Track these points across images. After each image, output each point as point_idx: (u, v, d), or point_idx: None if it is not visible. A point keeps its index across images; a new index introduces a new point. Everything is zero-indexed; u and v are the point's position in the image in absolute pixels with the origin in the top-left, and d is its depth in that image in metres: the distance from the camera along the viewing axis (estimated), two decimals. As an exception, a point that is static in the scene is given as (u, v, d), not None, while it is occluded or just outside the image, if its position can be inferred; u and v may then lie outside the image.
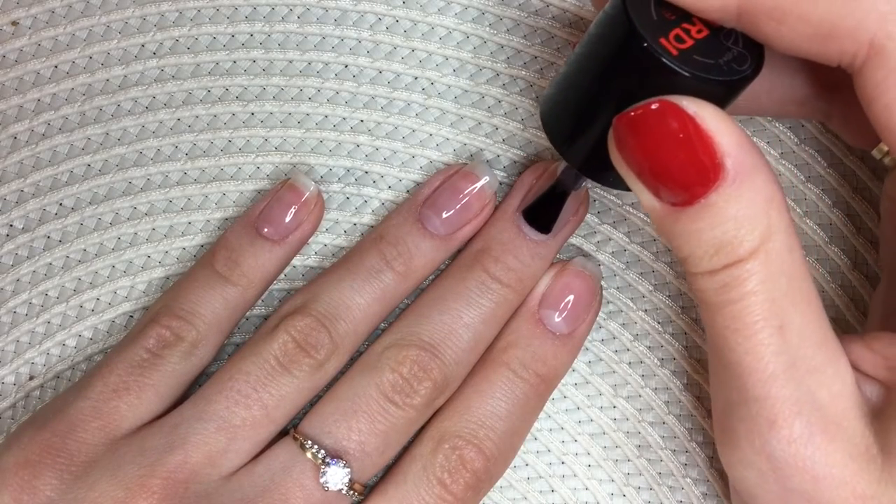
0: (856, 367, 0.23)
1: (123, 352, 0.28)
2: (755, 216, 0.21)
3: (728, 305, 0.22)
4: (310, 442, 0.27)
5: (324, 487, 0.26)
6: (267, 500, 0.26)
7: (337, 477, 0.26)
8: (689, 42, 0.21)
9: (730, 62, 0.21)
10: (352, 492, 0.27)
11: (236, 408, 0.27)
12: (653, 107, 0.21)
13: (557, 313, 0.29)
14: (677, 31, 0.21)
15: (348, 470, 0.26)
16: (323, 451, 0.27)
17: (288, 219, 0.29)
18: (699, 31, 0.21)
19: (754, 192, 0.21)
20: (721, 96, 0.21)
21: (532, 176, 0.29)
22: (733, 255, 0.21)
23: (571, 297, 0.29)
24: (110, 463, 0.26)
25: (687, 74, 0.21)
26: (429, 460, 0.27)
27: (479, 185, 0.29)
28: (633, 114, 0.21)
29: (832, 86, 0.25)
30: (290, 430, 0.28)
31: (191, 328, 0.28)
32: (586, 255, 0.31)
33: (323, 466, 0.26)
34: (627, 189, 0.23)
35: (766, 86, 0.25)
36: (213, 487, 0.26)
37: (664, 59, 0.21)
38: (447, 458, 0.27)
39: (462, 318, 0.28)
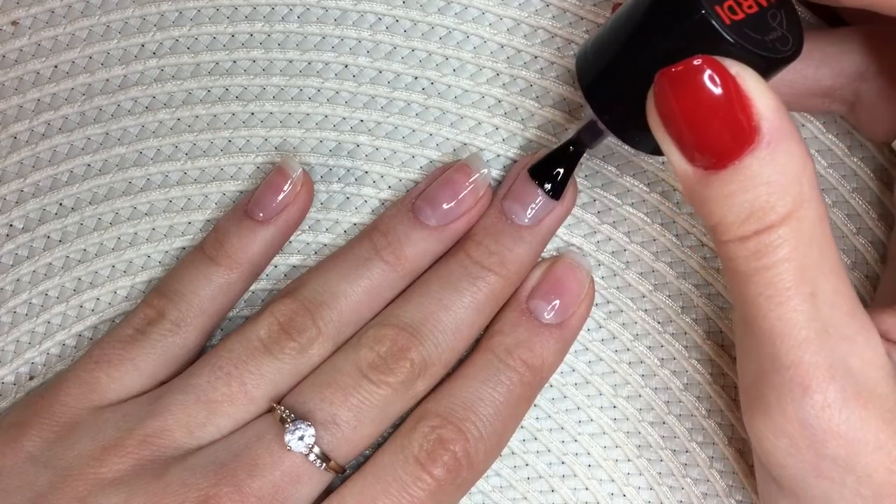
0: (886, 337, 0.23)
1: (114, 330, 0.29)
2: (788, 182, 0.21)
3: (760, 272, 0.22)
4: (282, 407, 0.27)
5: (287, 447, 0.26)
6: (237, 464, 0.26)
7: (299, 435, 0.26)
8: (741, 15, 0.22)
9: (774, 41, 0.22)
10: (322, 464, 0.26)
11: (217, 383, 0.27)
12: (695, 63, 0.21)
13: (545, 303, 0.29)
14: (731, 2, 0.22)
15: (312, 431, 0.26)
16: (292, 414, 0.27)
17: (274, 200, 0.29)
18: (749, 7, 0.22)
19: (788, 157, 0.21)
20: (763, 71, 0.22)
21: (520, 165, 0.29)
22: (765, 221, 0.21)
23: (560, 288, 0.29)
24: (93, 427, 0.27)
25: (736, 44, 0.21)
26: (407, 438, 0.27)
27: (473, 177, 0.29)
28: (674, 70, 0.21)
29: (859, 75, 0.25)
30: (271, 407, 0.27)
31: (173, 307, 0.29)
32: (585, 254, 0.31)
33: (288, 425, 0.26)
34: (649, 151, 0.23)
35: (788, 77, 0.25)
36: (188, 452, 0.27)
37: (718, 27, 0.21)
38: (425, 438, 0.27)
39: (442, 301, 0.28)
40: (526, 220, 0.28)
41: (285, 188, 0.29)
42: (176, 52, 0.30)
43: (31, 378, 0.31)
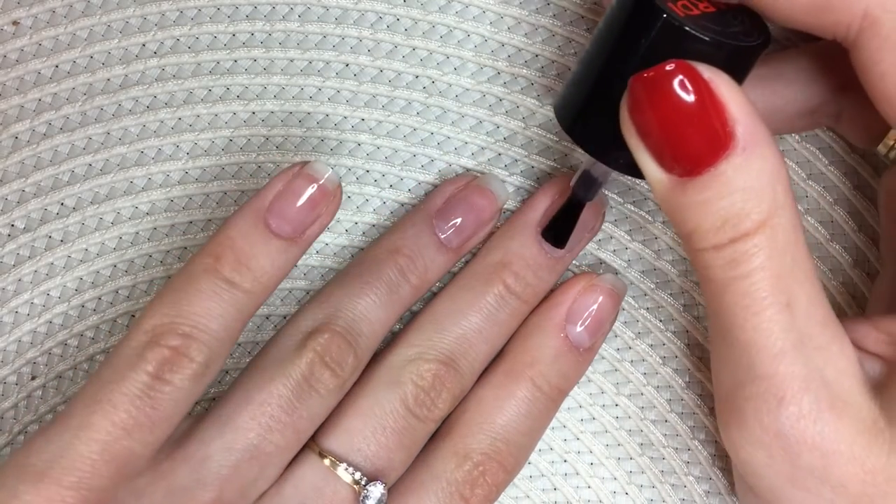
0: (858, 346, 0.23)
1: (122, 379, 0.24)
2: (762, 189, 0.21)
3: (735, 282, 0.21)
4: (345, 464, 0.27)
5: None
6: None
7: (375, 497, 0.27)
8: (696, 12, 0.21)
9: (738, 34, 0.22)
10: None
11: (270, 435, 0.26)
12: (667, 68, 0.21)
13: (583, 329, 0.29)
14: (685, 1, 0.21)
15: (384, 490, 0.27)
16: (359, 473, 0.27)
17: (304, 213, 0.26)
18: (706, 7, 0.22)
19: (762, 163, 0.21)
20: (733, 62, 0.21)
21: (554, 189, 0.29)
22: (740, 229, 0.21)
23: (597, 314, 0.29)
24: None
25: (703, 37, 0.21)
26: (452, 476, 0.27)
27: (494, 203, 0.30)
28: (647, 75, 0.21)
29: (843, 86, 0.25)
30: (311, 445, 0.27)
31: (201, 346, 0.25)
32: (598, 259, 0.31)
33: (362, 490, 0.26)
34: (635, 174, 0.23)
35: (779, 103, 0.25)
36: None
37: (677, 22, 0.21)
38: (470, 474, 0.27)
39: (482, 333, 0.28)
40: (561, 253, 0.29)
41: (318, 197, 0.26)
42: (177, 52, 0.30)
43: (34, 378, 0.31)
